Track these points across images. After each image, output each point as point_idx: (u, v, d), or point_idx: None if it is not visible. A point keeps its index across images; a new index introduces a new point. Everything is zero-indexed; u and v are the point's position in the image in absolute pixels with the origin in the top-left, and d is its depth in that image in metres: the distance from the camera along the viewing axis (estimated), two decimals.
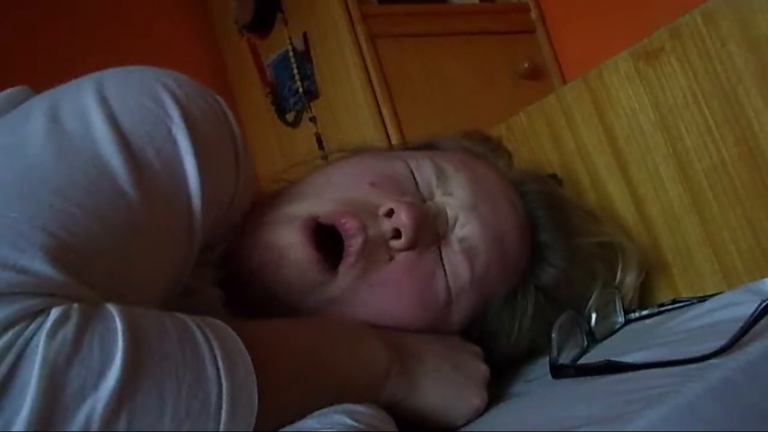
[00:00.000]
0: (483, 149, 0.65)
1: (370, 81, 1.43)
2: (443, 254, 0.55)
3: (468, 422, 0.52)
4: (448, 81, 1.52)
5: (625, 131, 0.69)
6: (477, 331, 0.59)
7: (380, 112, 1.42)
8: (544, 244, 0.61)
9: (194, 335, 0.38)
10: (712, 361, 0.42)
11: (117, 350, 0.34)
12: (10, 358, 0.32)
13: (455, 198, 0.56)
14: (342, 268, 0.52)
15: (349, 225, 0.52)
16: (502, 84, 1.58)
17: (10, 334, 0.33)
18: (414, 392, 0.51)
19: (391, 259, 0.53)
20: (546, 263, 0.61)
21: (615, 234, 0.66)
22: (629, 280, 0.66)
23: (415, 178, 0.57)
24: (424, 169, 0.57)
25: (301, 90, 1.55)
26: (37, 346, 0.33)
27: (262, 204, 0.56)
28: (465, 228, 0.55)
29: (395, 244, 0.53)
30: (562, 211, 0.63)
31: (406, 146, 0.65)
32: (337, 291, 0.52)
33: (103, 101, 0.43)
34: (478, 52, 1.59)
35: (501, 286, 0.58)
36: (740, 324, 0.43)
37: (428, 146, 0.64)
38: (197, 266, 0.48)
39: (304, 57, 1.54)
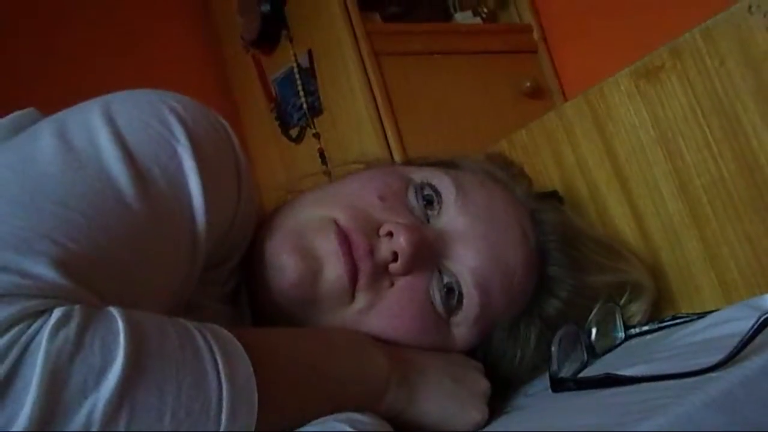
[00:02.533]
0: (503, 174, 0.64)
1: (374, 98, 1.45)
2: (447, 278, 0.54)
3: None
4: (451, 99, 1.53)
5: (626, 147, 0.70)
6: (480, 356, 0.59)
7: (383, 129, 1.44)
8: (553, 278, 0.60)
9: (195, 339, 0.38)
10: (711, 374, 0.42)
11: (118, 350, 0.35)
12: (12, 355, 0.33)
13: (467, 222, 0.56)
14: (357, 288, 0.52)
15: (359, 245, 0.52)
16: (504, 103, 1.59)
17: (13, 332, 0.33)
18: (414, 404, 0.52)
19: (392, 285, 0.53)
20: (552, 296, 0.60)
21: (630, 271, 0.65)
22: (635, 308, 0.65)
23: (426, 196, 0.56)
24: (441, 187, 0.57)
25: (305, 106, 1.56)
26: (40, 345, 0.33)
27: (276, 213, 0.57)
28: (473, 257, 0.55)
29: (392, 268, 0.53)
30: (576, 244, 0.62)
31: (427, 161, 0.64)
32: (351, 317, 0.53)
33: (110, 121, 0.44)
34: (481, 71, 1.60)
35: (505, 315, 0.58)
36: (739, 339, 0.43)
37: (449, 164, 0.64)
38: (201, 284, 0.49)
39: (309, 73, 1.56)
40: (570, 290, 0.61)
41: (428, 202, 0.56)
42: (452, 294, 0.55)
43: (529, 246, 0.59)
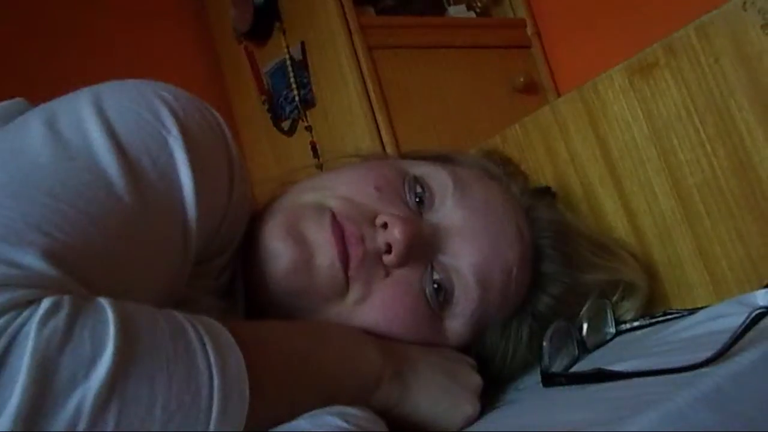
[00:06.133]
0: (499, 171, 0.64)
1: (367, 91, 1.44)
2: (441, 273, 0.54)
3: (460, 431, 0.52)
4: (444, 93, 1.53)
5: (619, 144, 0.70)
6: (473, 352, 0.59)
7: (376, 122, 1.43)
8: (546, 275, 0.61)
9: (186, 331, 0.38)
10: (702, 370, 0.42)
11: (108, 341, 0.34)
12: (0, 345, 0.32)
13: (465, 216, 0.56)
14: (349, 275, 0.52)
15: (349, 233, 0.52)
16: (497, 98, 1.60)
17: (0, 322, 0.33)
18: (406, 399, 0.51)
19: (388, 275, 0.53)
20: (545, 293, 0.61)
21: (624, 270, 0.65)
22: (627, 306, 0.65)
23: (422, 189, 0.56)
24: (436, 181, 0.57)
25: (297, 99, 1.56)
26: (28, 335, 0.33)
27: (271, 203, 0.57)
28: (472, 253, 0.55)
29: (386, 259, 0.53)
30: (569, 242, 0.62)
31: (424, 155, 0.64)
32: (345, 308, 0.53)
33: (101, 112, 0.43)
34: (475, 66, 1.60)
35: (499, 312, 0.58)
36: (730, 335, 0.43)
37: (446, 158, 0.64)
38: (193, 277, 0.48)
39: (302, 66, 1.55)
40: (563, 288, 0.61)
41: (419, 200, 0.56)
42: (441, 291, 0.55)
43: (525, 242, 0.59)
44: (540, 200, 0.65)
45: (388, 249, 0.53)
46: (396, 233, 0.52)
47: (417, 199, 0.56)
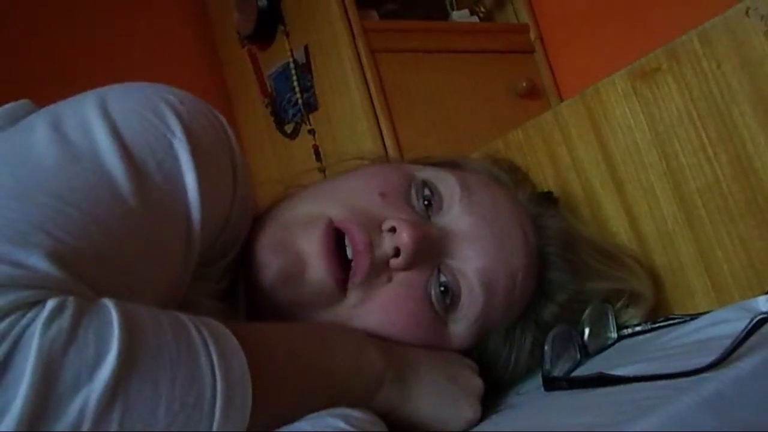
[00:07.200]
0: (507, 178, 0.65)
1: (370, 95, 1.44)
2: (448, 276, 0.54)
3: None
4: (447, 97, 1.53)
5: (621, 148, 0.70)
6: (475, 357, 0.59)
7: (378, 126, 1.43)
8: (552, 282, 0.61)
9: (190, 332, 0.38)
10: (704, 375, 0.42)
11: (112, 342, 0.34)
12: (5, 347, 0.32)
13: (472, 222, 0.56)
14: (350, 285, 0.52)
15: (358, 239, 0.52)
16: (500, 102, 1.60)
17: (5, 323, 0.33)
18: (407, 401, 0.52)
19: (390, 280, 0.53)
20: (550, 301, 0.61)
21: (630, 279, 0.65)
22: (631, 313, 0.65)
23: (425, 196, 0.56)
24: (444, 186, 0.57)
25: (300, 102, 1.56)
26: (33, 336, 0.33)
27: (273, 208, 0.57)
28: (479, 257, 0.55)
29: (394, 263, 0.53)
30: (576, 250, 0.63)
31: (432, 161, 0.64)
32: (343, 311, 0.53)
33: (106, 115, 0.44)
34: (477, 70, 1.60)
35: (503, 318, 0.58)
36: (732, 340, 0.43)
37: (454, 164, 0.64)
38: (196, 280, 0.48)
39: (305, 69, 1.55)
40: (568, 296, 0.61)
41: (428, 203, 0.56)
42: (447, 294, 0.55)
43: (531, 249, 0.59)
44: (547, 208, 0.65)
45: (396, 253, 0.53)
46: (404, 237, 0.52)
47: (425, 203, 0.56)
